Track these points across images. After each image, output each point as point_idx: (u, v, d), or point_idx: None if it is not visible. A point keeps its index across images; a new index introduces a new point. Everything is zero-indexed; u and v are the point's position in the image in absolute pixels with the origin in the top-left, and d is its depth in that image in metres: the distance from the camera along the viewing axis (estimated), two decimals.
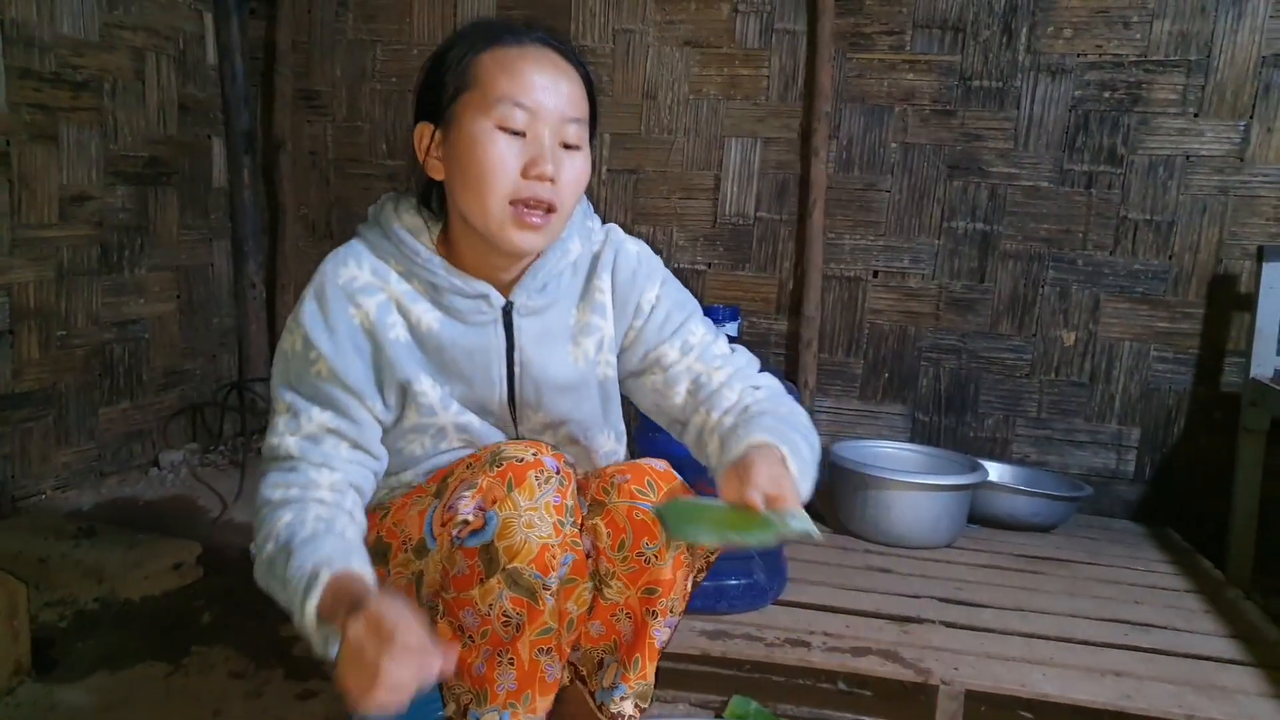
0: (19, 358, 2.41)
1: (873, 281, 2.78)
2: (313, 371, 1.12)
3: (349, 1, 3.04)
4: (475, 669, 1.09)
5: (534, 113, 1.08)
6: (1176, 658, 1.73)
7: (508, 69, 1.09)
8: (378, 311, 1.14)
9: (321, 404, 1.13)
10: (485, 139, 1.08)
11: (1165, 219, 2.56)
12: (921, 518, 2.22)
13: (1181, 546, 2.42)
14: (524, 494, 1.05)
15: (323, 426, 1.12)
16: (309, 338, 1.12)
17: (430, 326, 1.16)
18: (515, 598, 1.05)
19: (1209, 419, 2.58)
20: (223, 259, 3.12)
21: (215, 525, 2.48)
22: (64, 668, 1.72)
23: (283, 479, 1.11)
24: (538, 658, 1.09)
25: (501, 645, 1.08)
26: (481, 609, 1.06)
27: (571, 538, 1.09)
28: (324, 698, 1.67)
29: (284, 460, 1.12)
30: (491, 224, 1.10)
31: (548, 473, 1.07)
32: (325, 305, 1.13)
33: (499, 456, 1.08)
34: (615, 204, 2.91)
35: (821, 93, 2.69)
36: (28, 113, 2.38)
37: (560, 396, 1.22)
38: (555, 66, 1.11)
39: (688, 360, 1.25)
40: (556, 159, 1.09)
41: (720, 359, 1.25)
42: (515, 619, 1.06)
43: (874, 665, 1.64)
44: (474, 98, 1.09)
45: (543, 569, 1.05)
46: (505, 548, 1.03)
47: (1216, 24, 2.46)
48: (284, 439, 1.12)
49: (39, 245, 2.45)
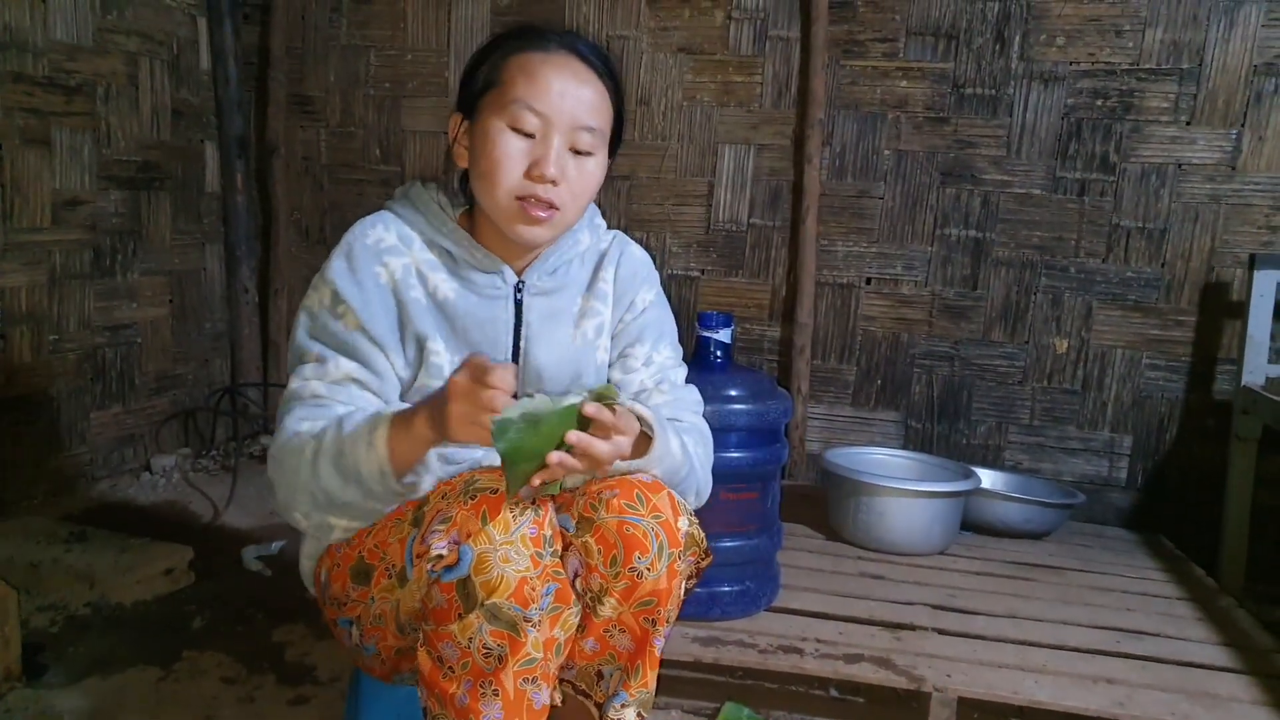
0: (10, 362, 2.41)
1: (866, 288, 2.79)
2: (340, 323, 1.18)
3: (343, 7, 3.04)
4: (458, 700, 1.05)
5: (545, 117, 1.16)
6: (1169, 665, 1.74)
7: (528, 73, 1.17)
8: (402, 272, 1.22)
9: (348, 354, 1.18)
10: (498, 137, 1.17)
11: (1157, 227, 2.57)
12: (914, 524, 2.22)
13: (1174, 554, 2.43)
14: (498, 527, 1.03)
15: (348, 375, 1.18)
16: (337, 291, 1.19)
17: (447, 295, 1.24)
18: (496, 631, 1.02)
19: (1201, 426, 2.59)
20: (215, 263, 3.11)
21: (207, 530, 2.47)
22: (55, 673, 1.71)
23: (309, 413, 1.15)
24: (523, 687, 1.05)
25: (484, 676, 1.04)
26: (461, 642, 1.03)
27: (552, 568, 1.06)
28: (316, 703, 1.66)
29: (310, 399, 1.16)
30: (499, 215, 1.20)
31: (523, 504, 1.05)
32: (354, 262, 1.20)
33: (471, 487, 1.07)
34: (609, 210, 2.91)
35: (815, 100, 2.70)
36: (20, 117, 2.38)
37: (560, 373, 1.31)
38: (576, 75, 1.18)
39: (645, 372, 1.35)
40: (561, 163, 1.17)
41: (670, 385, 1.36)
42: (497, 651, 1.03)
43: (867, 672, 1.64)
44: (495, 96, 1.18)
45: (522, 602, 1.02)
46: (482, 583, 1.01)
47: (1208, 33, 2.48)
48: (309, 382, 1.17)
49: (31, 249, 2.45)
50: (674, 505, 1.17)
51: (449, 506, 1.06)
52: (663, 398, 1.34)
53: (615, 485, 1.16)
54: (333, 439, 1.10)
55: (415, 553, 1.07)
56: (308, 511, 1.15)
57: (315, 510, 1.15)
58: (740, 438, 1.79)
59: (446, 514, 1.05)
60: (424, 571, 1.05)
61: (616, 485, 1.16)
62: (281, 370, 3.21)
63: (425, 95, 3.01)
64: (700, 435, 1.35)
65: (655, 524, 1.14)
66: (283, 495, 1.16)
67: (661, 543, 1.14)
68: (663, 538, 1.14)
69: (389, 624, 1.15)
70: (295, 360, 1.21)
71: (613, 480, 1.18)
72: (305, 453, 1.11)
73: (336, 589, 1.20)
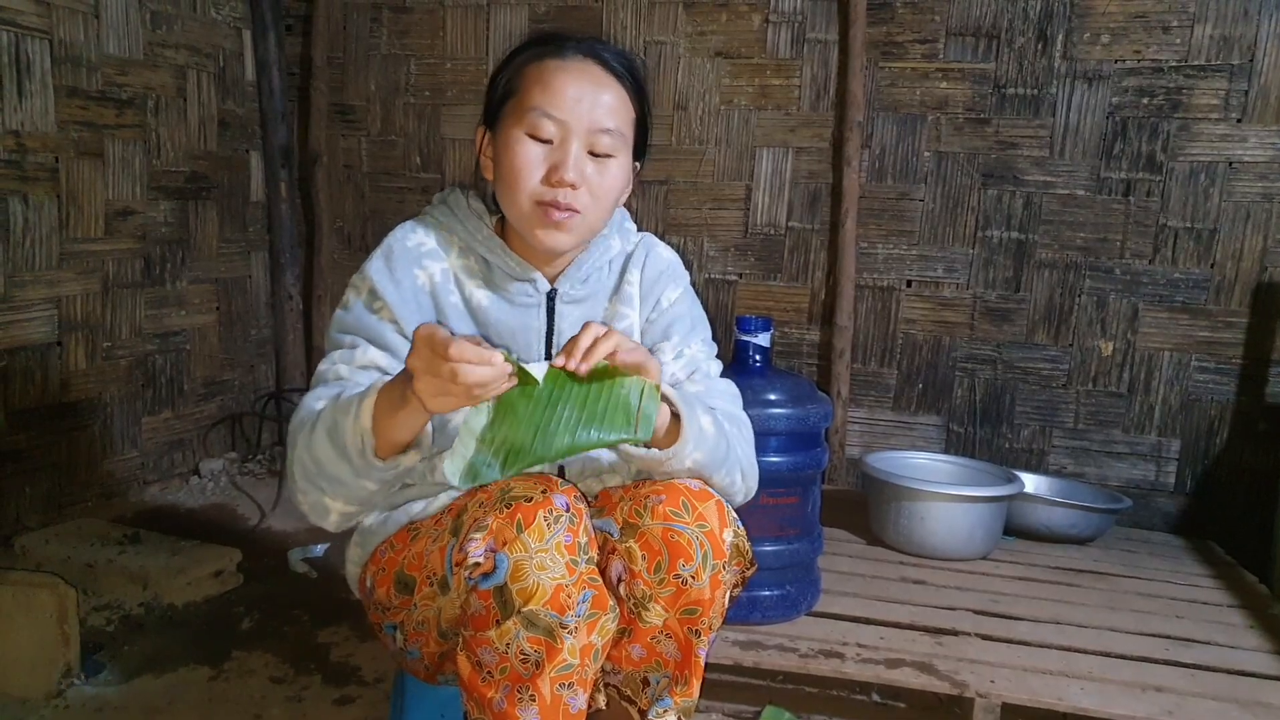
0: (66, 368, 2.48)
1: (906, 291, 2.77)
2: (375, 317, 1.20)
3: (383, 17, 3.09)
4: (496, 705, 1.06)
5: (562, 123, 1.16)
6: (1220, 673, 1.70)
7: (543, 81, 1.17)
8: (440, 277, 1.24)
9: (380, 345, 1.19)
10: (516, 145, 1.17)
11: (1206, 227, 2.52)
12: (956, 529, 2.20)
13: (1224, 560, 2.38)
14: (533, 535, 1.03)
15: (374, 362, 1.19)
16: (375, 288, 1.20)
17: (481, 302, 1.26)
18: (533, 637, 1.03)
19: (1252, 430, 2.54)
20: (260, 271, 3.18)
21: (254, 533, 2.52)
22: (111, 671, 1.76)
23: (329, 392, 1.15)
24: (559, 692, 1.06)
25: (521, 682, 1.05)
26: (499, 648, 1.04)
27: (588, 575, 1.07)
28: (361, 703, 1.69)
29: (333, 380, 1.17)
30: (521, 221, 1.20)
31: (557, 511, 1.05)
32: (392, 262, 1.22)
33: (507, 495, 1.07)
34: (646, 215, 2.92)
35: (854, 102, 2.68)
36: (75, 130, 2.45)
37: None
38: (594, 80, 1.18)
39: (677, 365, 1.33)
40: (580, 166, 1.17)
41: (703, 376, 1.34)
42: (534, 657, 1.04)
43: (908, 677, 1.62)
44: (514, 105, 1.19)
45: (559, 609, 1.03)
46: (519, 590, 1.02)
47: (1260, 28, 2.43)
48: (336, 365, 1.18)
49: (85, 259, 2.52)
50: (721, 515, 1.16)
51: (485, 515, 1.07)
52: (695, 388, 1.31)
53: (662, 490, 1.16)
54: (329, 409, 1.08)
55: (454, 561, 1.08)
56: (304, 488, 1.13)
57: (311, 487, 1.12)
58: (780, 442, 1.79)
59: (483, 522, 1.06)
60: (462, 579, 1.06)
61: (664, 490, 1.16)
62: None
63: (464, 103, 3.05)
64: (737, 420, 1.32)
65: (700, 533, 1.14)
66: (289, 471, 1.15)
67: (706, 552, 1.14)
68: (707, 547, 1.14)
69: (431, 630, 1.17)
70: (328, 350, 1.22)
71: (660, 485, 1.17)
72: (306, 426, 1.11)
73: (381, 595, 1.22)
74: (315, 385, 1.19)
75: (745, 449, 1.30)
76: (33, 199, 2.35)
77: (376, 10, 3.08)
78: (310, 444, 1.09)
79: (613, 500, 1.21)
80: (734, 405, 1.34)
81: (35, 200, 2.36)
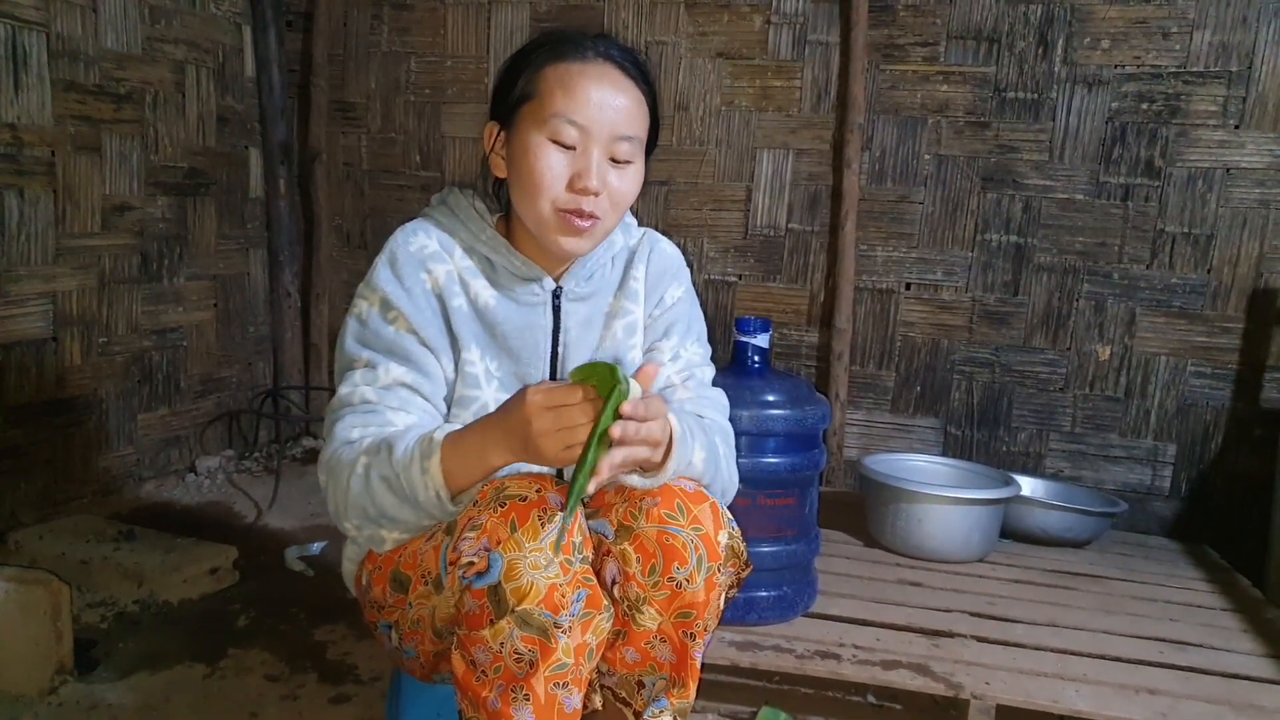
0: (61, 364, 2.47)
1: (905, 294, 2.77)
2: (391, 328, 1.19)
3: (384, 14, 3.08)
4: (491, 704, 1.06)
5: (585, 129, 1.15)
6: (1214, 676, 1.71)
7: (565, 85, 1.16)
8: (445, 279, 1.23)
9: (399, 359, 1.19)
10: (538, 150, 1.16)
11: (1204, 232, 2.53)
12: (953, 532, 2.20)
13: (1219, 564, 2.39)
14: (527, 535, 1.03)
15: (398, 380, 1.18)
16: (387, 298, 1.20)
17: (487, 302, 1.25)
18: (527, 637, 1.03)
19: (1248, 435, 2.54)
20: (259, 268, 3.17)
21: (250, 530, 2.51)
22: (105, 668, 1.75)
23: (360, 420, 1.15)
24: (554, 691, 1.06)
25: (516, 681, 1.05)
26: (493, 647, 1.04)
27: (582, 574, 1.07)
28: (357, 702, 1.69)
29: (360, 405, 1.17)
30: (541, 227, 1.19)
31: (551, 510, 1.05)
32: (399, 269, 1.21)
33: (501, 494, 1.07)
34: (646, 216, 2.92)
35: (854, 104, 2.69)
36: (72, 124, 2.44)
37: None
38: (614, 85, 1.17)
39: (672, 367, 1.34)
40: (603, 173, 1.16)
41: (696, 383, 1.35)
42: (528, 656, 1.04)
43: (904, 678, 1.63)
44: (533, 108, 1.17)
45: (553, 609, 1.03)
46: (513, 589, 1.02)
47: (1258, 34, 2.44)
48: (359, 388, 1.18)
49: (82, 254, 2.51)
50: (715, 518, 1.16)
51: (479, 514, 1.06)
52: (687, 394, 1.32)
53: (656, 494, 1.16)
54: (385, 461, 1.09)
55: (448, 560, 1.08)
56: (360, 524, 1.16)
57: (367, 524, 1.15)
58: (778, 443, 1.79)
59: (477, 521, 1.06)
60: (456, 578, 1.06)
61: (658, 494, 1.16)
62: (323, 373, 3.26)
63: (465, 101, 3.05)
64: (725, 433, 1.33)
65: (695, 536, 1.14)
66: (334, 506, 1.16)
67: (701, 555, 1.13)
68: (702, 550, 1.14)
69: (426, 629, 1.17)
70: (344, 367, 1.21)
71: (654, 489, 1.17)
72: (357, 468, 1.11)
73: (377, 593, 1.22)
74: (340, 411, 1.18)
75: (729, 467, 1.30)
76: (28, 193, 2.34)
77: (378, 7, 3.08)
78: (370, 493, 1.11)
79: (607, 501, 1.20)
80: (722, 416, 1.35)
81: (31, 194, 2.35)
